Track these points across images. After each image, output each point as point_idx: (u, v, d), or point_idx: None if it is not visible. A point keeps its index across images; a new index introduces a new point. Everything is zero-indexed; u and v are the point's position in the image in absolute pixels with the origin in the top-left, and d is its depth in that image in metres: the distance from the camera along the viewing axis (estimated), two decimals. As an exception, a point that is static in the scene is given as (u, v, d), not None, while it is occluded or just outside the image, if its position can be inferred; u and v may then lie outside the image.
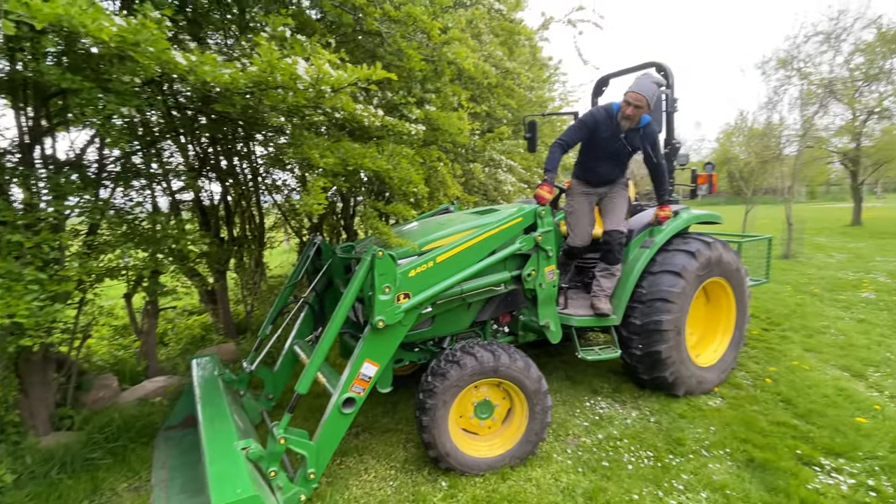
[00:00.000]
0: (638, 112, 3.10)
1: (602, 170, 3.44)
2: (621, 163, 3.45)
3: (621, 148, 3.32)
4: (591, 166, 3.47)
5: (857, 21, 11.85)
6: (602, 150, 3.35)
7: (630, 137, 3.29)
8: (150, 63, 1.69)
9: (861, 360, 4.30)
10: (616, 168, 3.45)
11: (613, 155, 3.37)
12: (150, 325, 4.21)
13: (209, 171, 4.51)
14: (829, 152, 15.63)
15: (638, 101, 3.06)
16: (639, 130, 3.25)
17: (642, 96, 3.05)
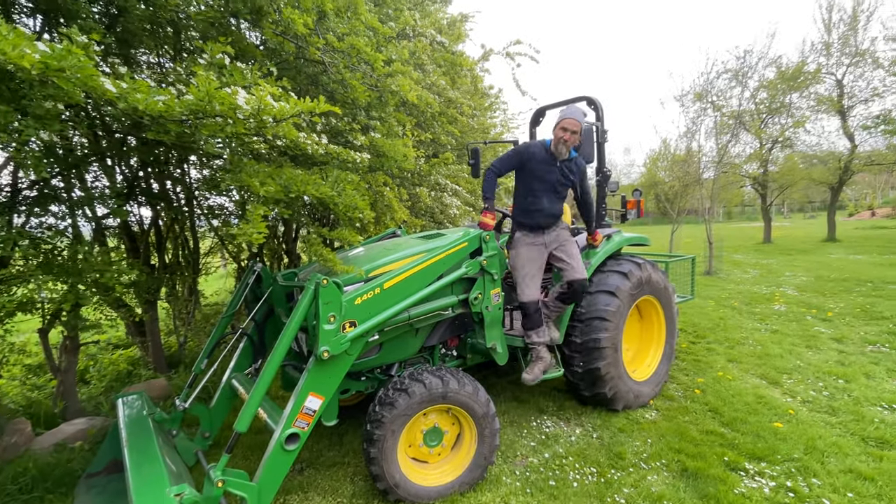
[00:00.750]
0: (574, 138, 3.18)
1: (542, 203, 3.32)
2: (560, 196, 3.40)
3: (557, 177, 3.30)
4: (531, 202, 3.34)
5: (760, 60, 13.28)
6: (539, 181, 3.31)
7: (565, 166, 3.32)
8: (74, 89, 1.60)
9: (776, 369, 4.69)
10: (556, 202, 3.37)
11: (551, 187, 3.32)
12: (68, 361, 3.86)
13: (139, 195, 4.27)
14: (742, 177, 17.20)
15: (574, 127, 3.15)
16: (571, 161, 3.32)
17: (578, 122, 3.17)
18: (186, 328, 5.18)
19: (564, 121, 3.18)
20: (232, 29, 2.83)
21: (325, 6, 2.62)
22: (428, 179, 5.21)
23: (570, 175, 3.33)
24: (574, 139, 3.20)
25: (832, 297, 7.87)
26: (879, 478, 2.82)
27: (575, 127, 3.17)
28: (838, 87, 15.51)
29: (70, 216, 3.53)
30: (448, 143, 5.60)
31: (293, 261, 6.15)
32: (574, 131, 3.17)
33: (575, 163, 3.34)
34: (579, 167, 3.37)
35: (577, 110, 3.26)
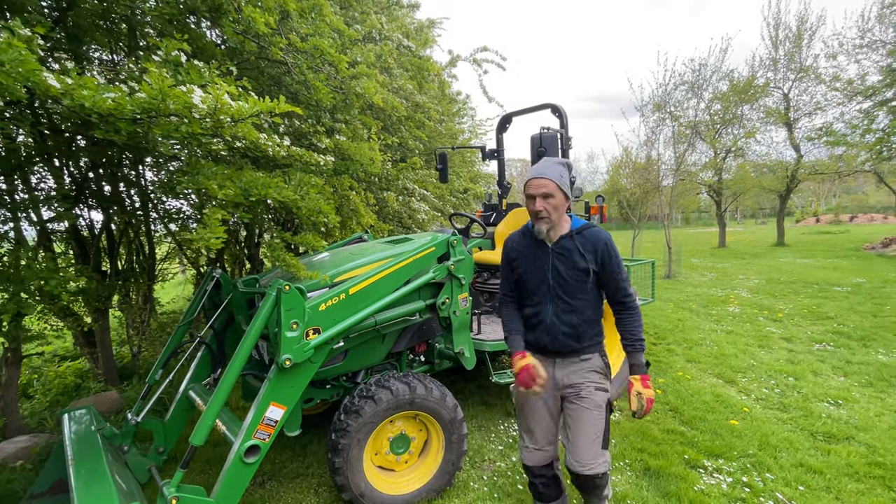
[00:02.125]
0: (550, 204, 2.06)
1: (545, 313, 2.17)
2: (575, 297, 2.14)
3: (557, 267, 2.13)
4: (529, 313, 2.23)
5: (714, 74, 13.93)
6: (533, 280, 2.19)
7: (564, 248, 2.13)
8: (15, 84, 1.50)
9: (731, 368, 4.88)
10: (567, 310, 2.15)
11: (551, 285, 2.14)
12: (10, 375, 3.60)
13: (89, 198, 4.05)
14: (698, 184, 17.94)
15: (543, 188, 2.05)
16: (577, 235, 2.14)
17: (547, 180, 2.05)
18: (140, 338, 4.94)
19: (528, 184, 2.12)
20: (190, 27, 2.73)
21: (287, 6, 2.56)
22: (396, 184, 5.18)
23: (580, 258, 2.11)
24: (549, 206, 2.06)
25: (782, 298, 8.28)
26: (828, 471, 2.96)
27: (545, 188, 2.04)
28: (785, 101, 16.46)
29: (12, 219, 3.32)
30: (416, 147, 5.59)
31: (255, 266, 5.98)
32: (547, 194, 2.05)
33: (586, 237, 2.14)
34: (596, 243, 2.11)
35: (546, 165, 2.13)
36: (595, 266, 2.09)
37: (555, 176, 2.05)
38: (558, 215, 2.09)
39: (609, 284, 2.14)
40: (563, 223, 2.16)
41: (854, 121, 14.41)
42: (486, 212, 4.93)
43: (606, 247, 2.11)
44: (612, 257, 2.10)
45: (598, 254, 2.10)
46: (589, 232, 2.14)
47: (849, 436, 3.41)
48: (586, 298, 2.14)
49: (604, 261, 2.10)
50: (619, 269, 2.12)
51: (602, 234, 2.13)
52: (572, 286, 2.11)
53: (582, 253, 2.09)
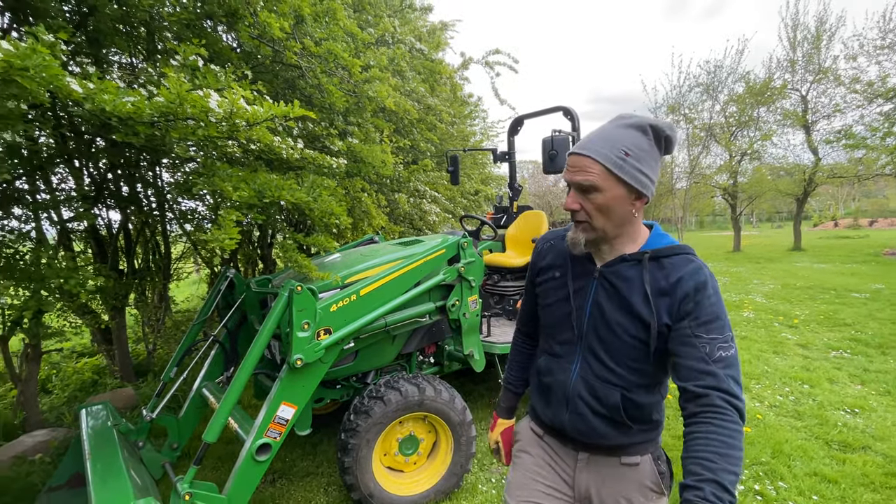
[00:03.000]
0: (593, 203, 1.18)
1: (569, 376, 1.31)
2: (622, 360, 1.23)
3: (597, 301, 1.27)
4: (548, 369, 1.38)
5: (730, 76, 13.76)
6: (558, 316, 1.35)
7: (621, 277, 1.24)
8: (38, 89, 1.55)
9: (745, 374, 4.81)
10: (607, 381, 1.25)
11: (586, 332, 1.28)
12: (30, 370, 3.70)
13: (107, 199, 4.14)
14: (712, 187, 17.72)
15: (580, 172, 1.17)
16: (640, 260, 1.22)
17: (590, 161, 1.16)
18: (156, 335, 5.03)
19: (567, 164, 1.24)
20: (207, 31, 2.78)
21: (302, 11, 2.60)
22: (407, 186, 5.21)
23: (643, 301, 1.19)
24: (597, 206, 1.18)
25: (798, 304, 8.14)
26: (843, 480, 2.91)
27: (585, 173, 1.16)
28: (803, 103, 16.19)
29: (34, 219, 3.41)
30: (427, 149, 5.62)
31: (268, 266, 6.05)
32: (587, 186, 1.17)
33: (665, 267, 1.20)
34: (681, 282, 1.16)
35: (602, 134, 1.19)
36: (668, 319, 1.14)
37: (607, 154, 1.13)
38: (612, 224, 1.19)
39: (683, 361, 1.11)
40: (628, 235, 1.23)
41: (874, 123, 14.12)
42: (497, 214, 4.93)
43: (697, 292, 1.12)
44: (704, 313, 1.11)
45: (679, 301, 1.13)
46: (675, 260, 1.18)
47: (865, 445, 3.34)
48: (640, 368, 1.21)
49: (685, 315, 1.12)
50: (712, 339, 1.09)
51: (695, 265, 1.17)
52: (619, 343, 1.21)
53: (649, 293, 1.16)
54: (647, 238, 1.27)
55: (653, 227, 1.31)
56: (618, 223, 1.21)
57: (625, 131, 1.16)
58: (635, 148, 1.15)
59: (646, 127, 1.16)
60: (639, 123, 1.16)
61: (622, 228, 1.23)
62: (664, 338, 1.17)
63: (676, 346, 1.14)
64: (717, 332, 1.10)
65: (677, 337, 1.14)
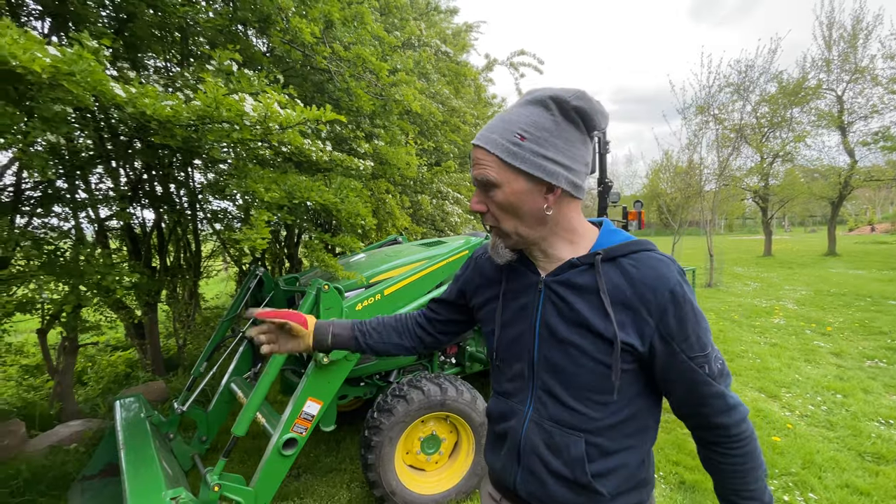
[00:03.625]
0: (494, 201, 0.96)
1: (520, 422, 1.03)
2: (586, 395, 0.95)
3: (545, 320, 0.99)
4: (499, 413, 1.10)
5: (762, 75, 13.38)
6: (502, 344, 1.08)
7: (571, 286, 0.96)
8: (84, 93, 1.63)
9: (775, 382, 4.68)
10: (568, 426, 0.97)
11: (538, 361, 1.00)
12: (66, 363, 3.85)
13: (142, 198, 4.29)
14: (743, 190, 17.26)
15: (477, 165, 0.95)
16: (593, 264, 0.94)
17: (483, 152, 0.93)
18: (186, 331, 5.18)
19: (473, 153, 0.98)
20: (240, 36, 2.87)
21: (332, 16, 2.66)
22: (430, 187, 5.23)
23: (599, 314, 0.92)
24: (499, 204, 0.95)
25: (831, 311, 7.87)
26: (875, 493, 2.81)
27: (481, 166, 0.94)
28: (838, 103, 15.63)
29: (73, 217, 3.56)
30: (450, 151, 5.64)
31: (294, 265, 6.16)
32: (487, 182, 0.94)
33: (627, 269, 0.93)
34: (649, 289, 0.90)
35: (500, 119, 0.94)
36: (639, 342, 0.91)
37: (497, 140, 0.92)
38: (526, 225, 0.96)
39: (683, 389, 0.94)
40: (559, 237, 0.99)
41: (915, 124, 13.55)
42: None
43: (675, 304, 0.90)
44: (689, 327, 0.91)
45: (656, 318, 0.90)
46: (635, 260, 0.93)
47: (902, 459, 3.22)
48: (607, 402, 0.95)
49: (670, 336, 0.90)
50: (706, 355, 0.92)
51: (661, 264, 0.92)
52: (577, 371, 0.95)
53: (606, 302, 0.91)
54: (595, 237, 1.01)
55: (602, 223, 1.05)
56: (532, 223, 0.96)
57: (522, 110, 0.93)
58: (533, 128, 0.90)
59: (545, 100, 0.90)
60: (538, 98, 0.91)
61: (543, 229, 0.97)
62: (641, 363, 0.93)
63: (671, 374, 0.93)
64: (707, 344, 0.93)
65: (670, 365, 0.92)
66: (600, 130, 0.97)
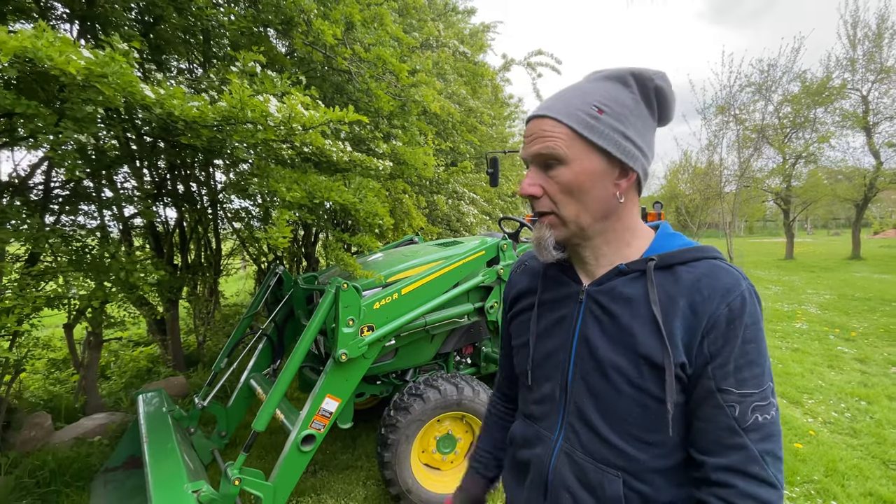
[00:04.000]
0: (557, 182, 0.81)
1: (546, 453, 0.90)
2: (627, 427, 0.81)
3: (584, 336, 0.86)
4: (524, 439, 0.97)
5: (784, 75, 13.12)
6: (533, 363, 0.94)
7: (618, 297, 0.84)
8: (115, 94, 1.67)
9: (797, 388, 4.59)
10: (604, 461, 0.83)
11: (572, 384, 0.87)
12: (91, 357, 3.95)
13: (165, 197, 4.38)
14: (764, 191, 16.93)
15: (540, 139, 0.81)
16: (644, 271, 0.82)
17: (553, 122, 0.80)
18: (206, 328, 5.28)
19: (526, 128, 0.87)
20: (262, 38, 2.91)
21: (353, 17, 2.69)
22: (446, 188, 5.25)
23: (650, 331, 0.78)
24: (562, 185, 0.81)
25: (856, 316, 7.67)
26: (904, 504, 2.74)
27: (545, 140, 0.80)
28: (863, 104, 15.23)
29: (99, 215, 3.65)
30: (467, 151, 5.65)
31: (311, 264, 6.23)
32: (549, 156, 0.81)
33: (683, 279, 0.79)
34: (706, 301, 0.76)
35: (569, 92, 0.84)
36: (689, 364, 0.77)
37: (572, 111, 0.80)
38: (589, 214, 0.83)
39: (701, 425, 0.78)
40: (617, 234, 0.87)
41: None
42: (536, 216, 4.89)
43: (731, 322, 0.75)
44: (737, 354, 0.75)
45: (702, 333, 0.76)
46: (696, 269, 0.81)
47: (931, 469, 3.13)
48: (655, 440, 0.81)
49: (710, 356, 0.76)
50: (745, 396, 0.74)
51: (729, 277, 0.79)
52: (618, 399, 0.82)
53: (659, 318, 0.78)
54: (650, 241, 0.88)
55: (659, 226, 0.91)
56: (597, 213, 0.83)
57: (596, 84, 0.83)
58: (612, 102, 0.80)
59: (625, 76, 0.82)
60: (616, 73, 0.83)
61: (605, 222, 0.84)
62: (683, 386, 0.78)
63: (694, 402, 0.78)
64: (753, 384, 0.74)
65: (697, 390, 0.77)
66: (668, 121, 0.88)
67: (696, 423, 0.78)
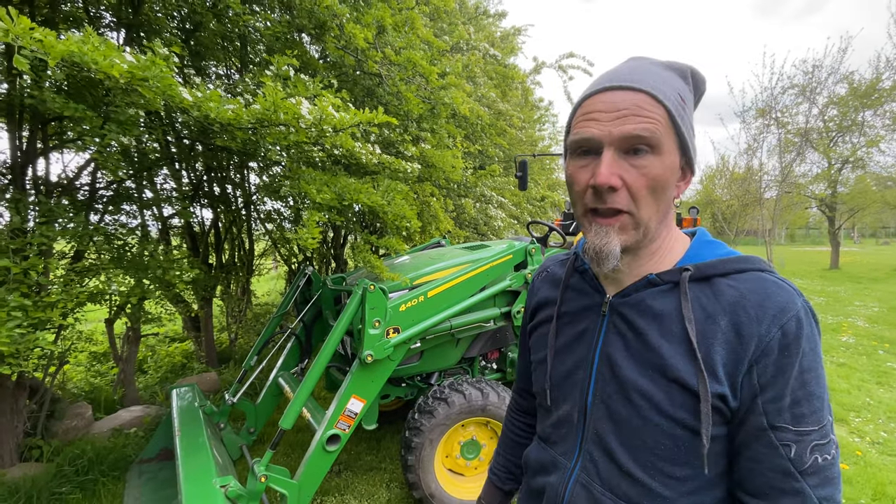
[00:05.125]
0: (649, 170, 0.68)
1: (561, 483, 0.82)
2: (653, 461, 0.71)
3: (607, 354, 0.77)
4: (540, 465, 0.89)
5: (830, 76, 12.54)
6: (551, 383, 0.86)
7: (645, 311, 0.75)
8: (155, 97, 1.73)
9: (842, 406, 4.34)
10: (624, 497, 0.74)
11: (592, 408, 0.79)
12: (130, 351, 4.11)
13: (202, 198, 4.53)
14: (807, 198, 16.20)
15: (629, 111, 0.67)
16: (677, 283, 0.73)
17: (643, 95, 0.67)
18: (238, 325, 5.41)
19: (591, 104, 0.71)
20: (296, 43, 2.98)
21: (384, 21, 2.71)
22: (474, 191, 5.23)
23: (683, 353, 0.69)
24: (653, 178, 0.68)
25: (908, 331, 7.23)
26: (963, 535, 2.55)
27: (637, 112, 0.66)
28: (918, 106, 14.37)
29: (140, 215, 3.80)
30: (495, 155, 5.63)
31: (339, 265, 6.32)
32: (638, 137, 0.66)
33: (724, 293, 0.70)
34: (754, 320, 0.66)
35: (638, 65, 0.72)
36: (731, 393, 0.67)
37: (667, 91, 0.69)
38: (658, 216, 0.73)
39: (752, 466, 0.68)
40: (661, 240, 0.78)
41: None
42: (566, 220, 4.82)
43: (785, 348, 0.65)
44: (794, 386, 0.65)
45: (750, 360, 0.66)
46: (740, 283, 0.70)
47: None
48: (684, 475, 0.71)
49: (761, 387, 0.66)
50: (803, 434, 0.65)
51: (782, 293, 0.67)
52: (643, 427, 0.72)
53: (693, 338, 0.68)
54: (685, 249, 0.78)
55: (696, 233, 0.81)
56: (663, 216, 0.73)
57: (666, 71, 0.72)
58: (685, 95, 0.72)
59: (686, 71, 0.74)
60: (677, 66, 0.75)
61: (661, 227, 0.75)
62: (724, 419, 0.68)
63: (742, 439, 0.68)
64: (812, 420, 0.65)
65: (745, 426, 0.67)
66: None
67: (744, 463, 0.69)
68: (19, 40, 1.29)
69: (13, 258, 2.24)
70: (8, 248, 2.26)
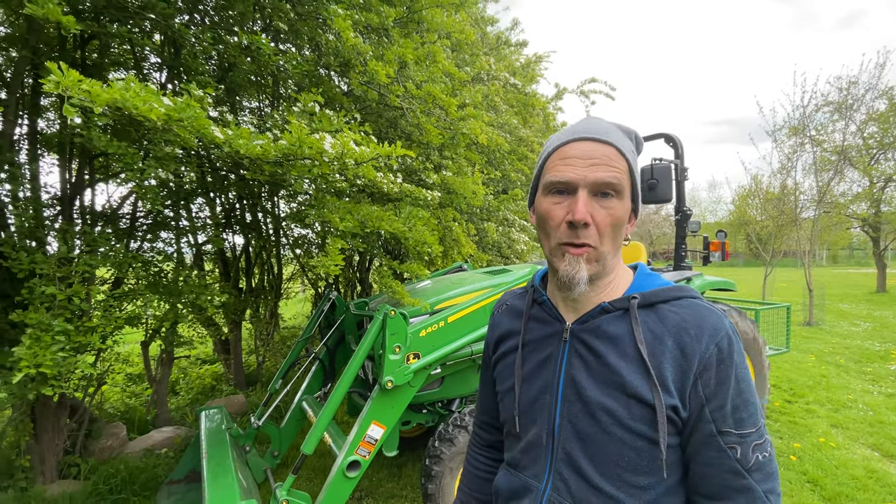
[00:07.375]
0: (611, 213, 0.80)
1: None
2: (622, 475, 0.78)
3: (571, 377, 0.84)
4: (510, 491, 0.92)
5: (868, 92, 12.14)
6: (519, 410, 0.91)
7: (603, 336, 0.83)
8: (190, 136, 1.85)
9: (892, 440, 4.08)
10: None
11: (559, 429, 0.84)
12: (163, 373, 4.26)
13: (234, 225, 4.72)
14: (848, 218, 15.53)
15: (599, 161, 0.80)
16: (627, 309, 0.83)
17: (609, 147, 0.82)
18: (265, 348, 5.53)
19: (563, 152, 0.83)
20: (323, 79, 3.13)
21: (406, 57, 2.83)
22: (496, 215, 5.27)
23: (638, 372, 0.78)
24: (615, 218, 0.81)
25: (965, 359, 6.76)
26: None
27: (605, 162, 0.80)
28: (966, 120, 13.72)
29: (176, 242, 3.98)
30: (518, 179, 5.66)
31: (365, 289, 6.41)
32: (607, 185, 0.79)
33: (667, 317, 0.81)
34: (693, 341, 0.77)
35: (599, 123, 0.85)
36: (681, 405, 0.77)
37: (628, 146, 0.85)
38: (613, 251, 0.84)
39: (705, 470, 0.78)
40: (614, 272, 0.88)
41: None
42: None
43: (721, 362, 0.76)
44: (732, 395, 0.76)
45: (694, 375, 0.76)
46: (679, 308, 0.82)
47: None
48: (648, 484, 0.79)
49: (706, 399, 0.76)
50: (744, 436, 0.76)
51: (712, 316, 0.80)
52: (608, 442, 0.79)
53: (645, 356, 0.78)
54: (630, 280, 0.90)
55: (637, 266, 0.94)
56: (616, 250, 0.86)
57: (620, 132, 0.86)
58: (634, 152, 0.87)
59: (632, 134, 0.89)
60: (625, 128, 0.89)
61: (616, 259, 0.88)
62: (676, 428, 0.78)
63: (692, 447, 0.78)
64: (750, 423, 0.76)
65: (696, 434, 0.77)
66: None
67: (698, 468, 0.79)
68: (69, 91, 1.42)
69: (59, 286, 2.39)
70: (55, 276, 2.42)
